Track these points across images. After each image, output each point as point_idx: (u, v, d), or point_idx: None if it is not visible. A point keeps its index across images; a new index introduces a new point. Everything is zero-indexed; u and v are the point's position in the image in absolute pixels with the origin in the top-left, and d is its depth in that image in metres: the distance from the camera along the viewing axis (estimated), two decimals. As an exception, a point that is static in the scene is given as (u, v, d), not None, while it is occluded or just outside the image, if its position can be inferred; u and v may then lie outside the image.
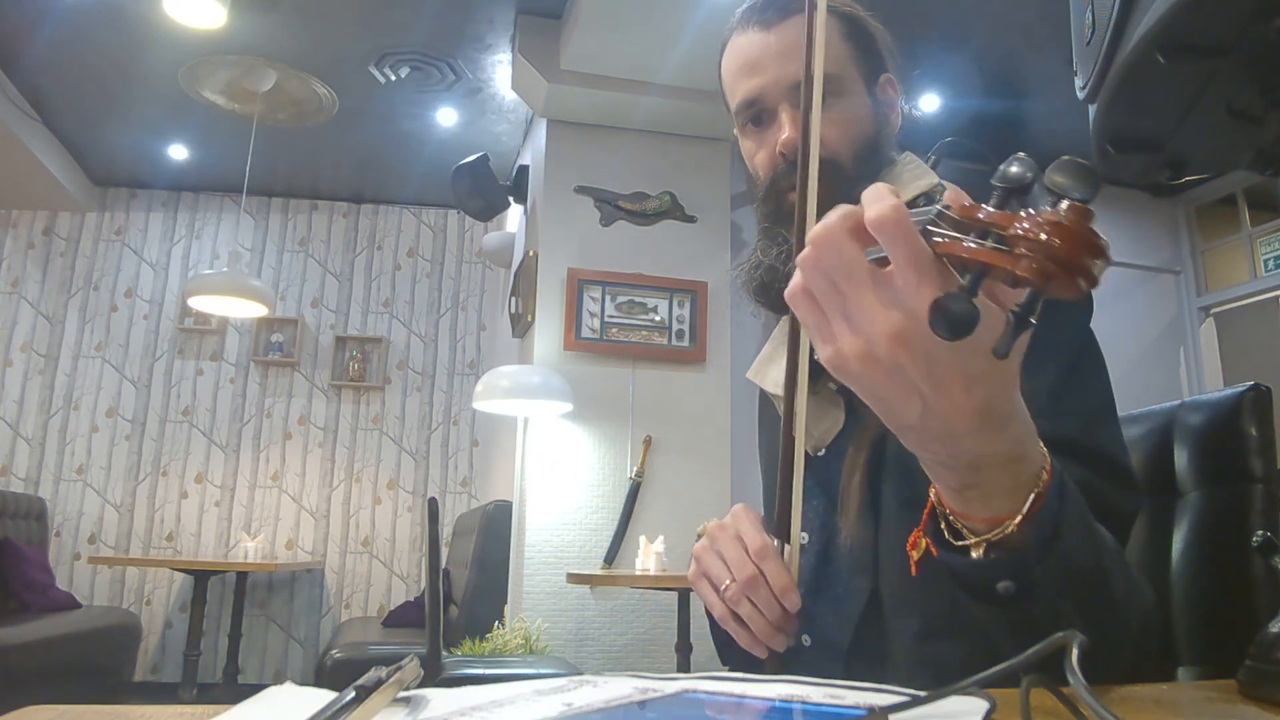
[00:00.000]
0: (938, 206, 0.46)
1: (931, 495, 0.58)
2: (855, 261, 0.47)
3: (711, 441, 3.80)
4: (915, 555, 0.59)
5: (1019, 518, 0.54)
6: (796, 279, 0.50)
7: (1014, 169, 0.43)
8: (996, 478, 0.53)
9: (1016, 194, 0.43)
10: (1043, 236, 0.39)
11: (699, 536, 0.87)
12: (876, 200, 0.46)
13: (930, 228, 0.46)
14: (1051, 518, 0.55)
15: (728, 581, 0.78)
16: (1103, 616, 0.59)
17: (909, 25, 3.58)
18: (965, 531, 0.57)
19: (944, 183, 0.88)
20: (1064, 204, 0.40)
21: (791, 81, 0.88)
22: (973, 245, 0.43)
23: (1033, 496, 0.54)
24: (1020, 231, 0.40)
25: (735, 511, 0.83)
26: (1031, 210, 0.41)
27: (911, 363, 0.47)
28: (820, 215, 0.72)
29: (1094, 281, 0.39)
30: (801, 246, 0.52)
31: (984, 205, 0.43)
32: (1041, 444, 0.56)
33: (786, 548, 0.79)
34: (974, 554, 0.56)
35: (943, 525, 0.58)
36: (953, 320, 0.41)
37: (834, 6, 0.90)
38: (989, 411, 0.49)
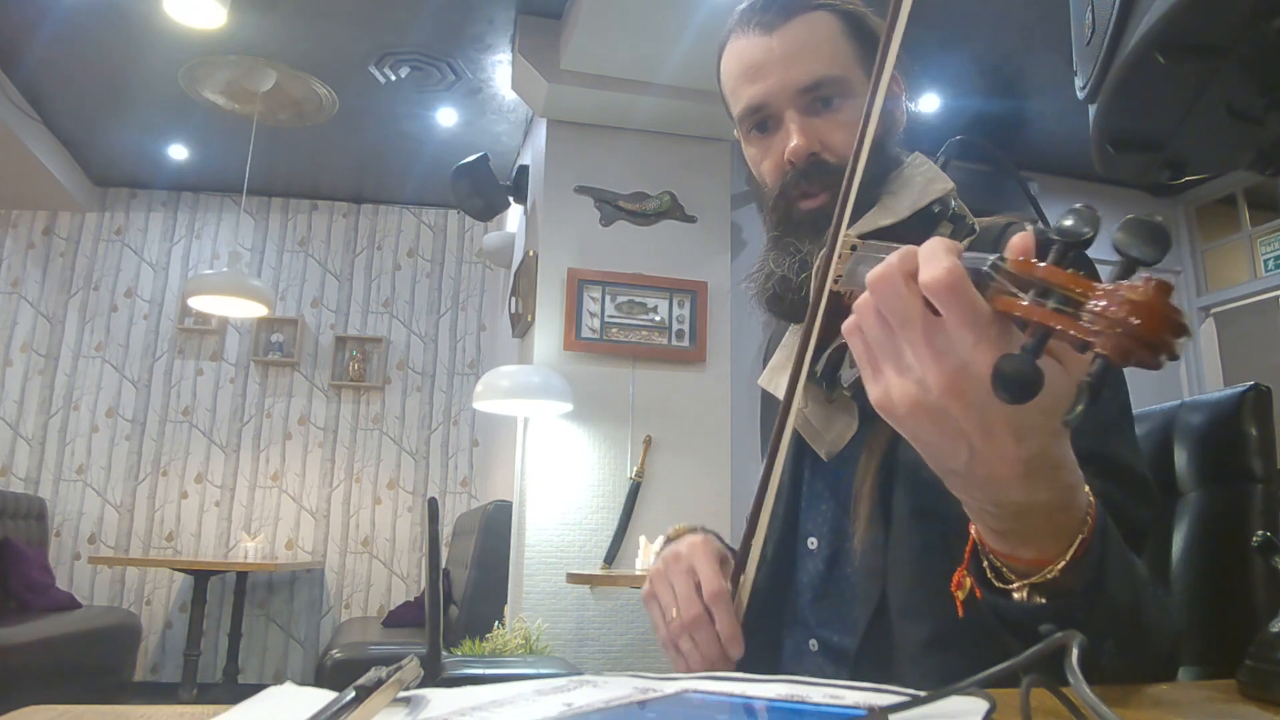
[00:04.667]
0: (993, 258, 0.45)
1: (973, 533, 0.57)
2: (911, 308, 0.46)
3: (711, 441, 3.80)
4: (960, 595, 0.59)
5: (1063, 562, 0.53)
6: (851, 319, 0.50)
7: (1070, 223, 0.42)
8: (1040, 524, 0.52)
9: (1074, 249, 0.42)
10: (1123, 313, 0.38)
11: (666, 541, 0.87)
12: (931, 259, 0.45)
13: (986, 280, 0.45)
14: (1095, 562, 0.54)
15: (674, 613, 0.78)
16: (1141, 649, 0.59)
17: (909, 25, 3.58)
18: (1007, 572, 0.56)
19: (955, 192, 0.86)
20: (1142, 279, 0.38)
21: (797, 86, 0.86)
22: (1035, 305, 0.41)
23: (1078, 542, 0.53)
24: (1094, 305, 0.39)
25: (693, 543, 0.82)
26: (1107, 284, 0.39)
27: (963, 412, 0.46)
28: (830, 218, 0.71)
29: (1175, 357, 0.38)
30: (830, 259, 0.52)
31: (1041, 262, 0.42)
32: (1087, 487, 0.55)
33: (738, 590, 0.78)
34: (1017, 595, 0.55)
35: (985, 565, 0.57)
36: (1017, 384, 0.40)
37: (835, 4, 0.89)
38: (1038, 462, 0.49)
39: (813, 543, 0.89)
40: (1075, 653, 0.40)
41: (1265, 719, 0.50)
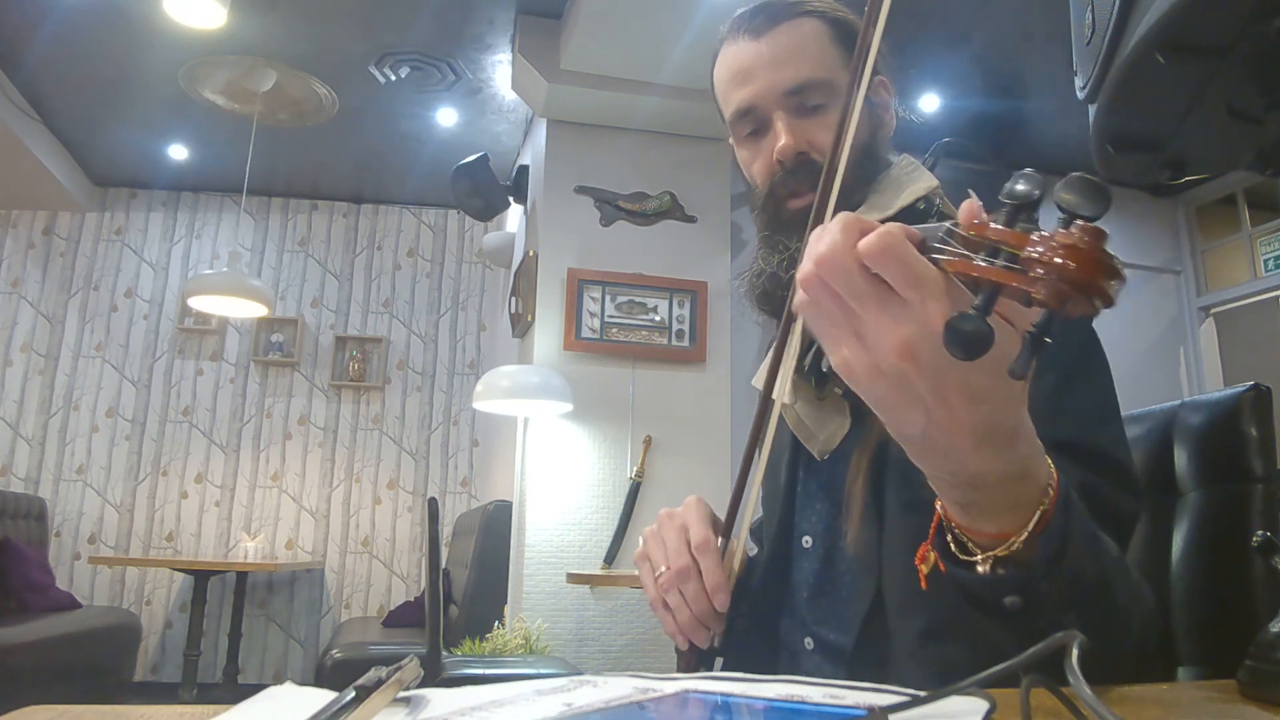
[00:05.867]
0: (947, 224, 0.46)
1: (938, 508, 0.58)
2: (860, 280, 0.47)
3: (711, 441, 3.80)
4: (924, 569, 0.59)
5: (1025, 534, 0.54)
6: (801, 294, 0.51)
7: (1020, 185, 0.43)
8: (999, 495, 0.53)
9: (1024, 210, 0.42)
10: (1057, 259, 0.39)
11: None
12: (872, 233, 0.46)
13: (939, 244, 0.45)
14: (1058, 535, 0.54)
15: (663, 568, 0.80)
16: (1107, 627, 0.59)
17: (909, 25, 3.58)
18: (971, 546, 0.56)
19: (940, 190, 0.88)
20: (1076, 224, 0.39)
21: (784, 88, 0.88)
22: (983, 264, 0.42)
23: (1038, 514, 0.54)
24: (1034, 253, 0.40)
25: (687, 502, 0.84)
26: (1043, 231, 0.40)
27: (918, 375, 0.47)
28: (814, 215, 0.72)
29: (1110, 301, 0.39)
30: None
31: (992, 223, 0.43)
32: (1049, 460, 0.55)
33: (730, 545, 0.80)
34: (980, 569, 0.56)
35: (949, 539, 0.58)
36: (967, 339, 0.41)
37: (823, 10, 0.91)
38: (992, 429, 0.49)
39: (807, 541, 0.90)
40: (1075, 653, 0.40)
41: (1265, 719, 0.50)
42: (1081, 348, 0.79)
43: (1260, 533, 0.61)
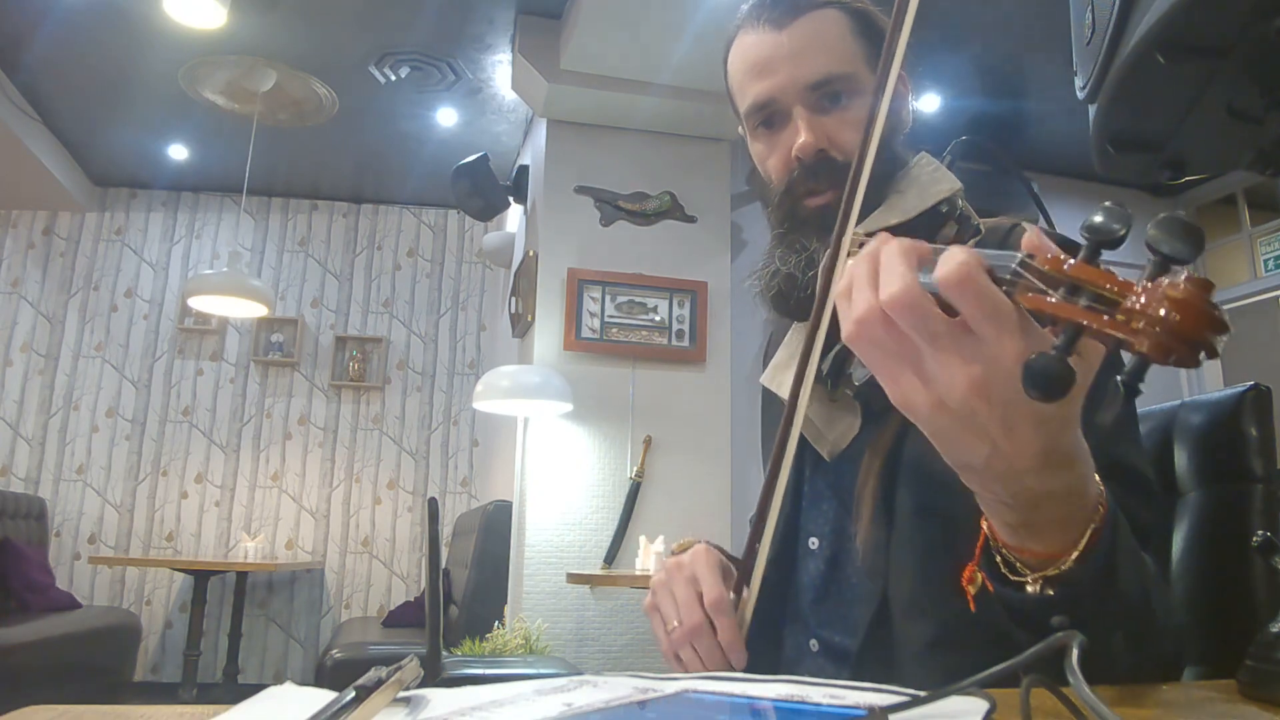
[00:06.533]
0: (1020, 256, 0.45)
1: (984, 528, 0.57)
2: (937, 322, 0.46)
3: (711, 441, 3.80)
4: (971, 589, 0.58)
5: (1076, 552, 0.53)
6: (857, 329, 0.49)
7: (1100, 220, 0.41)
8: (1054, 513, 0.52)
9: (1106, 246, 0.41)
10: (1163, 311, 0.37)
11: (671, 555, 0.86)
12: (948, 257, 0.45)
13: (1011, 276, 0.44)
14: (1106, 551, 0.54)
15: (675, 623, 0.76)
16: (1147, 641, 0.59)
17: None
18: (1020, 566, 0.56)
19: (961, 192, 0.86)
20: (1183, 276, 0.38)
21: (806, 83, 0.85)
22: (1065, 302, 0.41)
23: (1090, 530, 0.53)
24: (1137, 304, 0.38)
25: (696, 551, 0.81)
26: (1146, 283, 0.39)
27: (987, 411, 0.46)
28: (840, 216, 0.71)
29: (1215, 355, 0.38)
30: (836, 257, 0.51)
31: (1070, 258, 0.42)
32: (1098, 477, 0.55)
33: (744, 596, 0.77)
34: (1030, 589, 0.55)
35: (998, 559, 0.57)
36: (1050, 383, 0.40)
37: (845, 2, 0.88)
38: (1052, 451, 0.49)
39: (814, 543, 0.89)
40: (1075, 653, 0.40)
41: (1265, 719, 0.50)
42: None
43: (1260, 533, 0.61)
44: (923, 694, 0.43)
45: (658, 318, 3.83)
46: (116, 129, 4.75)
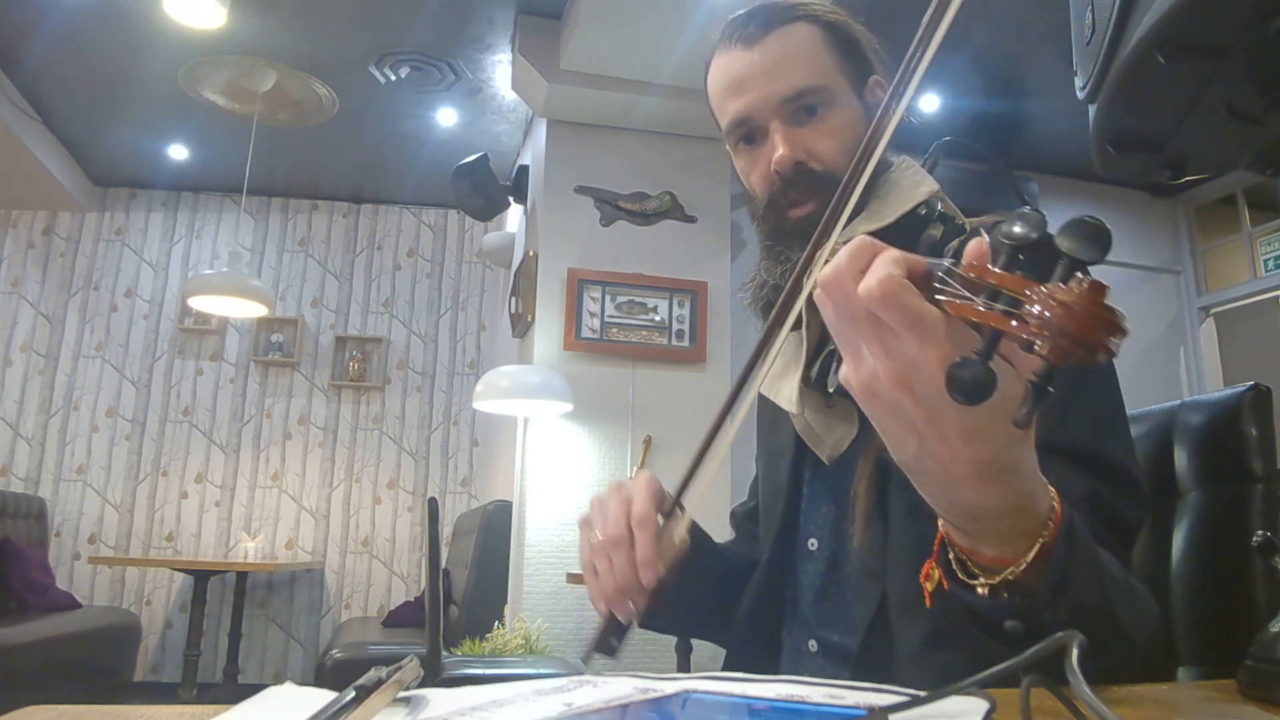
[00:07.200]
0: (948, 263, 0.45)
1: (941, 527, 0.58)
2: (857, 309, 0.47)
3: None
4: (929, 586, 0.59)
5: (1023, 565, 0.53)
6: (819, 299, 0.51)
7: (1018, 228, 0.42)
8: (996, 526, 0.53)
9: (1024, 251, 0.42)
10: (1058, 313, 0.38)
11: None
12: (873, 271, 0.46)
13: (940, 285, 0.45)
14: (1058, 565, 0.54)
15: (599, 535, 0.79)
16: (1109, 647, 0.59)
17: (909, 25, 3.58)
18: (973, 568, 0.56)
19: (941, 193, 0.87)
20: (1077, 276, 0.39)
21: (780, 97, 0.87)
22: (985, 308, 0.42)
23: (1037, 546, 0.53)
24: (1034, 308, 0.39)
25: (640, 476, 0.83)
26: (1044, 285, 0.40)
27: (913, 406, 0.47)
28: (824, 226, 0.71)
29: (1112, 355, 0.38)
30: (810, 262, 0.51)
31: (992, 265, 0.42)
32: (1051, 491, 0.55)
33: (671, 523, 0.79)
34: (980, 591, 0.56)
35: (952, 557, 0.58)
36: (968, 386, 0.40)
37: (816, 14, 0.89)
38: (988, 465, 0.49)
39: (813, 544, 0.90)
40: (1075, 653, 0.40)
41: (1265, 719, 0.50)
42: None
43: (1260, 533, 0.61)
44: (923, 694, 0.43)
45: (658, 318, 3.83)
46: (116, 129, 4.75)
